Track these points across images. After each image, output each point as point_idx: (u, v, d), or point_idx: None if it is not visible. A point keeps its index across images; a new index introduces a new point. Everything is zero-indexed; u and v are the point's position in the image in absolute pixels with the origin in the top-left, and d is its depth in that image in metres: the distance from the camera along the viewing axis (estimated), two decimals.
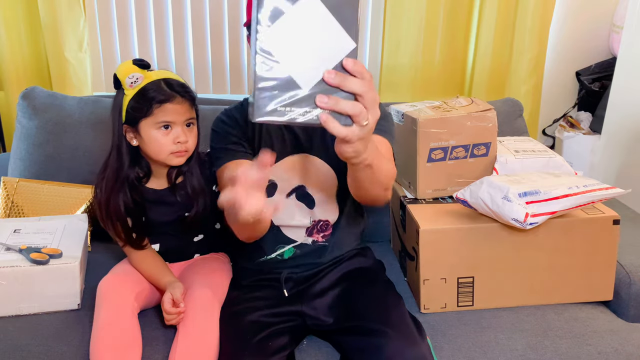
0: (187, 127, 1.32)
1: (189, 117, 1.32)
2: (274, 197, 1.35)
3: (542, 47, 2.24)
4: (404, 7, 2.20)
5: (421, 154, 1.49)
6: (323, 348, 1.29)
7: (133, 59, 1.31)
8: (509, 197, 1.28)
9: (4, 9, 2.07)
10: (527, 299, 1.43)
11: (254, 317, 1.27)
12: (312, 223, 1.36)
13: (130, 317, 1.24)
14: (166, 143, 1.30)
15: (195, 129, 1.36)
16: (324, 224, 1.37)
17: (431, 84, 2.31)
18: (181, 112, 1.30)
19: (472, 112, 1.49)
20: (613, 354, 1.29)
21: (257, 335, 1.21)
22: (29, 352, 1.24)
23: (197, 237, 1.47)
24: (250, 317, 1.27)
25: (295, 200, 1.35)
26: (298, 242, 1.37)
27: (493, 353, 1.29)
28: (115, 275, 1.34)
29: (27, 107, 1.77)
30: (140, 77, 1.29)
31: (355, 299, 1.29)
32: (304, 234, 1.37)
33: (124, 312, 1.24)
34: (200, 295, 1.29)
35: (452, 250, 1.38)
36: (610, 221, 1.39)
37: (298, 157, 1.33)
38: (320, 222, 1.36)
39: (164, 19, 2.24)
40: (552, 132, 2.52)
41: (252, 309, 1.28)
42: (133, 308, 1.27)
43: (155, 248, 1.43)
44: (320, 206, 1.36)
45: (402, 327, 1.20)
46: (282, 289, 1.34)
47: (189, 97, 1.32)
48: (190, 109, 1.32)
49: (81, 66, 2.18)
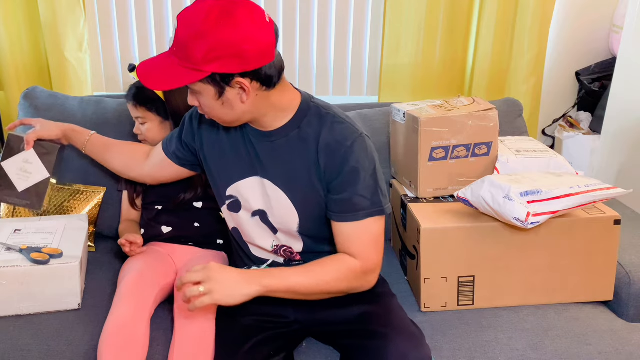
0: (142, 124, 1.55)
1: (136, 115, 1.55)
2: (240, 214, 1.32)
3: (542, 47, 2.24)
4: (404, 7, 2.20)
5: (422, 153, 1.50)
6: (323, 350, 1.29)
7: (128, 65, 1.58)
8: (511, 197, 1.28)
9: (4, 9, 2.07)
10: (527, 299, 1.43)
11: (249, 320, 1.26)
12: (275, 247, 1.32)
13: (144, 321, 1.26)
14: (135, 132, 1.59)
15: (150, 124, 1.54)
16: (289, 250, 1.32)
17: (431, 84, 2.31)
18: (132, 110, 1.56)
19: (473, 111, 1.49)
20: (613, 354, 1.29)
21: (251, 340, 1.21)
22: (29, 352, 1.24)
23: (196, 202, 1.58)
24: (245, 321, 1.26)
25: (259, 222, 1.30)
26: (269, 260, 1.34)
27: (493, 353, 1.29)
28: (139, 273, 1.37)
29: (28, 107, 1.77)
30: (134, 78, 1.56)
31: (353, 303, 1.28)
32: (272, 254, 1.33)
33: (140, 316, 1.26)
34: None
35: (453, 249, 1.38)
36: (611, 221, 1.39)
37: (258, 181, 1.27)
38: (284, 247, 1.32)
39: (164, 19, 2.24)
40: (552, 132, 2.52)
41: (247, 312, 1.27)
42: (150, 312, 1.30)
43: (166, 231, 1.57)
44: (283, 234, 1.30)
45: (404, 328, 1.20)
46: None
47: (133, 99, 1.53)
48: (134, 109, 1.54)
49: (81, 66, 2.18)
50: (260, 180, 1.26)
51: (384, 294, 1.33)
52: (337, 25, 2.29)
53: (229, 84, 1.10)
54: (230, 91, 1.12)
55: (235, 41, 1.06)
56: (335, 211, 1.22)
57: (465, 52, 2.30)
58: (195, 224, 1.56)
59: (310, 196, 1.24)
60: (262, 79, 1.12)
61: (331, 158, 1.20)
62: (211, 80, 1.10)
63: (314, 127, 1.21)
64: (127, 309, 1.26)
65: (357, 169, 1.19)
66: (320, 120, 1.22)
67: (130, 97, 1.54)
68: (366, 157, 1.20)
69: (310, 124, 1.22)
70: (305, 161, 1.22)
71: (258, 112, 1.18)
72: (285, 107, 1.21)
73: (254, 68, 1.09)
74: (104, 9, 2.21)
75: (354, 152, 1.19)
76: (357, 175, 1.19)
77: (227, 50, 1.06)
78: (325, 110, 1.24)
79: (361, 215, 1.20)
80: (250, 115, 1.18)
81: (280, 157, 1.24)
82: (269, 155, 1.25)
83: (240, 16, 1.06)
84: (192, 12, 1.08)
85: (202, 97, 1.14)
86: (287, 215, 1.26)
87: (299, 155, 1.22)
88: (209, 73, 1.08)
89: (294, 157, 1.23)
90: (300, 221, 1.26)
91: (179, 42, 1.09)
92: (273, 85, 1.15)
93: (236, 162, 1.28)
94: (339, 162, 1.19)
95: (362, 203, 1.19)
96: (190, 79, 1.09)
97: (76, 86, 2.18)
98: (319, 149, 1.20)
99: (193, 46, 1.06)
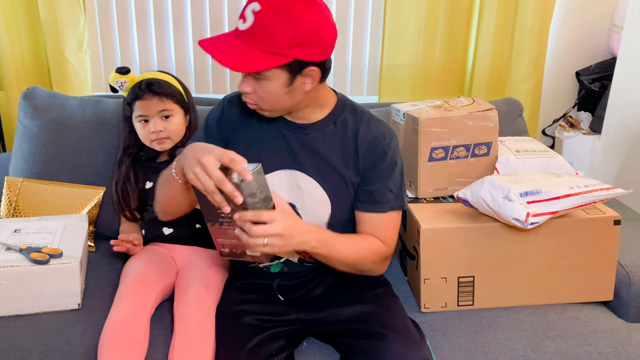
0: (165, 118, 1.52)
1: (161, 109, 1.51)
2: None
3: (542, 47, 2.24)
4: (404, 7, 2.20)
5: (422, 153, 1.50)
6: (323, 349, 1.29)
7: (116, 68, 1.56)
8: (510, 197, 1.28)
9: (4, 9, 2.07)
10: (527, 299, 1.43)
11: (250, 320, 1.26)
12: None
13: (144, 321, 1.27)
14: (145, 133, 1.54)
15: (177, 118, 1.53)
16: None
17: (431, 84, 2.31)
18: (151, 106, 1.51)
19: (473, 111, 1.49)
20: (613, 354, 1.29)
21: (252, 340, 1.20)
22: (29, 352, 1.24)
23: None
24: (246, 320, 1.26)
25: None
26: (283, 258, 1.33)
27: (493, 353, 1.29)
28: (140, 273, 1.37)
29: (28, 107, 1.77)
30: (125, 82, 1.56)
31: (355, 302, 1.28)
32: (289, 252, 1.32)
33: (140, 315, 1.26)
34: (196, 294, 1.30)
35: (452, 249, 1.38)
36: (611, 221, 1.39)
37: (289, 173, 1.27)
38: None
39: (164, 19, 2.24)
40: (552, 132, 2.52)
41: (247, 312, 1.28)
42: (150, 311, 1.30)
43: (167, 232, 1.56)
44: None
45: (404, 329, 1.20)
46: (277, 295, 1.33)
47: (156, 93, 1.50)
48: (160, 102, 1.51)
49: (81, 66, 2.18)
50: (290, 173, 1.27)
51: (386, 294, 1.33)
52: (337, 25, 2.28)
53: (303, 72, 1.11)
54: (300, 79, 1.12)
55: (319, 28, 1.06)
56: (363, 201, 1.27)
57: (465, 52, 2.30)
58: (196, 225, 1.56)
59: (343, 188, 1.27)
60: (326, 68, 1.15)
61: (371, 152, 1.25)
62: (289, 66, 1.09)
63: (351, 123, 1.26)
64: (127, 308, 1.26)
65: (392, 165, 1.26)
66: (356, 118, 1.27)
67: (149, 92, 1.50)
68: (398, 155, 1.28)
69: (346, 121, 1.27)
70: (341, 155, 1.26)
71: (304, 103, 1.21)
72: (323, 102, 1.25)
73: (327, 57, 1.12)
74: (104, 9, 2.21)
75: (391, 148, 1.26)
76: (391, 170, 1.26)
77: (312, 37, 1.06)
78: (361, 109, 1.30)
79: (387, 207, 1.27)
80: (300, 105, 1.21)
81: (315, 149, 1.26)
82: (303, 147, 1.26)
83: (320, 3, 1.08)
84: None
85: (268, 83, 1.12)
86: (319, 206, 1.28)
87: (335, 149, 1.26)
88: (292, 59, 1.07)
89: (330, 150, 1.26)
90: (332, 212, 1.28)
91: (261, 25, 1.06)
92: (326, 77, 1.18)
93: (266, 154, 1.27)
94: (378, 156, 1.25)
95: (389, 197, 1.26)
96: (271, 64, 1.07)
97: (76, 86, 2.18)
98: (358, 143, 1.25)
99: (279, 29, 1.05)
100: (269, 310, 1.29)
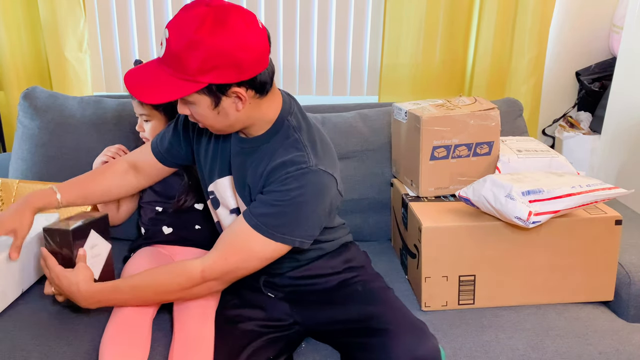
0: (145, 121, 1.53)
1: (140, 112, 1.52)
2: (219, 210, 1.33)
3: (542, 47, 2.24)
4: (404, 7, 2.20)
5: (424, 152, 1.50)
6: (322, 350, 1.29)
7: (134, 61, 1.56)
8: (512, 196, 1.28)
9: (4, 9, 2.07)
10: (528, 298, 1.43)
11: (249, 326, 1.26)
12: None
13: (147, 322, 1.26)
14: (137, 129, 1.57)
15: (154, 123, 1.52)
16: None
17: (431, 84, 2.31)
18: (136, 107, 1.53)
19: (475, 110, 1.49)
20: (614, 354, 1.29)
21: (251, 345, 1.20)
22: (29, 352, 1.23)
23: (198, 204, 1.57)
24: (244, 326, 1.26)
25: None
26: None
27: (494, 352, 1.29)
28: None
29: (28, 107, 1.77)
30: None
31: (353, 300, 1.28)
32: None
33: (143, 317, 1.26)
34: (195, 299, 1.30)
35: (454, 248, 1.38)
36: (613, 221, 1.39)
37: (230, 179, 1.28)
38: None
39: (164, 19, 2.24)
40: (552, 132, 2.52)
41: (246, 317, 1.27)
42: (152, 313, 1.30)
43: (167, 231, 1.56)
44: None
45: (407, 322, 1.19)
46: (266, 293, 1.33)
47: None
48: (139, 106, 1.51)
49: (81, 66, 2.18)
50: (231, 179, 1.27)
51: (380, 288, 1.32)
52: (337, 25, 2.29)
53: (225, 94, 1.08)
54: (226, 100, 1.09)
55: (231, 50, 1.03)
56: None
57: (465, 52, 2.31)
58: (196, 226, 1.56)
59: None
60: (257, 86, 1.10)
61: (272, 175, 1.16)
62: (207, 90, 1.07)
63: (276, 146, 1.18)
64: (130, 309, 1.26)
65: (285, 192, 1.13)
66: (283, 141, 1.18)
67: None
68: (304, 191, 1.13)
69: (276, 142, 1.19)
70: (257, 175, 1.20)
71: (249, 121, 1.17)
72: (271, 117, 1.19)
73: (251, 77, 1.07)
74: (104, 9, 2.21)
75: (295, 180, 1.13)
76: (279, 197, 1.13)
77: (224, 59, 1.03)
78: (295, 132, 1.19)
79: (247, 216, 1.15)
80: (242, 123, 1.16)
81: (242, 163, 1.23)
82: (236, 157, 1.24)
83: (234, 23, 1.03)
84: (183, 21, 1.04)
85: (196, 107, 1.11)
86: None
87: (255, 168, 1.20)
88: (206, 84, 1.05)
89: (251, 168, 1.21)
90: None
91: (171, 53, 1.05)
92: (266, 92, 1.13)
93: (218, 159, 1.28)
94: (276, 179, 1.15)
95: (259, 209, 1.15)
96: (185, 91, 1.06)
97: (76, 86, 2.18)
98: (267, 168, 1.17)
99: (187, 56, 1.03)
100: (268, 316, 1.29)
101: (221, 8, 1.04)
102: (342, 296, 1.30)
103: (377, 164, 1.78)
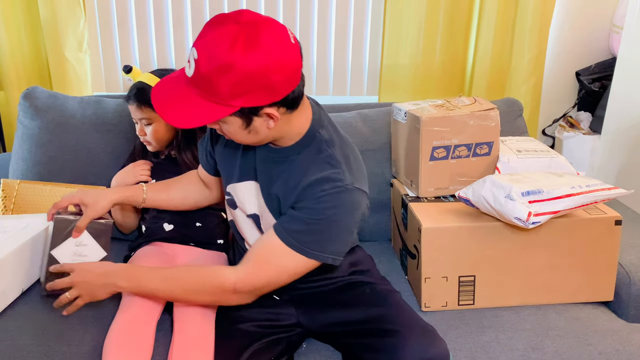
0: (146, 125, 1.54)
1: (140, 117, 1.53)
2: (236, 212, 1.32)
3: (542, 47, 2.24)
4: (404, 7, 2.20)
5: (424, 152, 1.50)
6: (323, 350, 1.29)
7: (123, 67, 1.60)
8: (512, 196, 1.28)
9: (4, 9, 2.07)
10: (528, 299, 1.43)
11: (249, 327, 1.25)
12: None
13: (152, 323, 1.27)
14: (139, 135, 1.57)
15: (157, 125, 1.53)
16: None
17: (431, 84, 2.31)
18: (134, 112, 1.54)
19: (475, 111, 1.49)
20: (614, 354, 1.29)
21: (251, 347, 1.20)
22: (29, 352, 1.23)
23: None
24: (245, 327, 1.25)
25: (252, 224, 1.30)
26: None
27: (494, 352, 1.29)
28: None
29: (28, 107, 1.77)
30: (130, 80, 1.59)
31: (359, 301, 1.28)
32: None
33: (149, 317, 1.26)
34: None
35: (453, 248, 1.38)
36: (612, 222, 1.39)
37: (255, 185, 1.25)
38: None
39: (164, 19, 2.23)
40: (552, 132, 2.52)
41: (247, 317, 1.27)
42: (157, 315, 1.30)
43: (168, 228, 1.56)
44: None
45: (416, 325, 1.19)
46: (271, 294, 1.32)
47: (137, 100, 1.51)
48: (139, 110, 1.51)
49: (81, 66, 2.18)
50: (256, 185, 1.25)
51: (388, 291, 1.32)
52: (337, 25, 2.29)
53: (257, 114, 1.05)
54: (257, 120, 1.06)
55: (263, 72, 0.98)
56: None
57: (465, 52, 2.30)
58: (197, 223, 1.56)
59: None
60: (288, 104, 1.07)
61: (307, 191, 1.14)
62: (239, 113, 1.04)
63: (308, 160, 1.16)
64: (138, 309, 1.25)
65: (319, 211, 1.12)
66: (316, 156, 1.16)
67: (132, 98, 1.51)
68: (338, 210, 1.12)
69: (308, 155, 1.17)
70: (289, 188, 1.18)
71: (279, 134, 1.14)
72: (301, 129, 1.16)
73: (283, 97, 1.04)
74: (104, 9, 2.21)
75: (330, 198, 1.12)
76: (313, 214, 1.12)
77: (256, 82, 0.99)
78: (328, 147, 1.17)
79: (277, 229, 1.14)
80: (272, 137, 1.14)
81: (269, 171, 1.21)
82: (262, 164, 1.22)
83: (266, 42, 0.98)
84: (213, 41, 0.98)
85: (227, 125, 1.08)
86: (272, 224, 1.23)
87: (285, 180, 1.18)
88: (238, 108, 1.02)
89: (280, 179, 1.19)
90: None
91: (200, 75, 1.00)
92: (297, 107, 1.10)
93: (239, 163, 1.27)
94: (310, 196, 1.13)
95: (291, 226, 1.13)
96: (217, 115, 1.02)
97: (76, 86, 2.18)
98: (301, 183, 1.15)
99: (218, 80, 0.98)
100: (269, 317, 1.28)
101: (252, 25, 0.99)
102: (349, 298, 1.30)
103: (377, 164, 1.78)
